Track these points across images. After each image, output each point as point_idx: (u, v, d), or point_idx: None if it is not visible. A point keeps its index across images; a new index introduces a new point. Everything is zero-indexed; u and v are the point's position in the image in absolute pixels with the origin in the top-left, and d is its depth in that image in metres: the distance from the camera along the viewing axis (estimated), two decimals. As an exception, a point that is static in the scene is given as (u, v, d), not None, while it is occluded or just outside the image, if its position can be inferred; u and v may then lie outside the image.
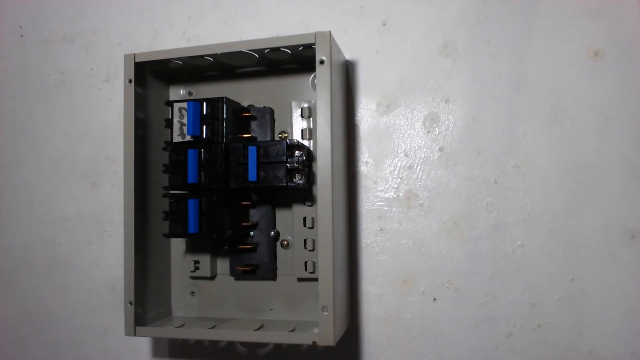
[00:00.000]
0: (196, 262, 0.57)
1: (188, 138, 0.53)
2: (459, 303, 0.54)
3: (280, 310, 0.55)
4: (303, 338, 0.47)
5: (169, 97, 0.60)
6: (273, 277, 0.56)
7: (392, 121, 0.57)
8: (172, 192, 0.54)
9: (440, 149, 0.56)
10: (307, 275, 0.54)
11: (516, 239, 0.53)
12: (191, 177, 0.51)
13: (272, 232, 0.55)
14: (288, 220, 0.56)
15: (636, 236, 0.51)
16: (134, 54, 0.53)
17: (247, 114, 0.55)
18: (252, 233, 0.56)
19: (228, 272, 0.56)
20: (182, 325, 0.53)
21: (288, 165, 0.50)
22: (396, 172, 0.56)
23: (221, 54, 0.51)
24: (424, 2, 0.57)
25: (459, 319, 0.54)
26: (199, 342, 0.61)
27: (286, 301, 0.55)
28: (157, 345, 0.63)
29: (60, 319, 0.66)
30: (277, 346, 0.58)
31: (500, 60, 0.54)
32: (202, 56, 0.52)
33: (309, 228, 0.54)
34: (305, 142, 0.55)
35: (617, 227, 0.51)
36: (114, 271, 0.64)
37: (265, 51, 0.51)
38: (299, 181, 0.51)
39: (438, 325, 0.54)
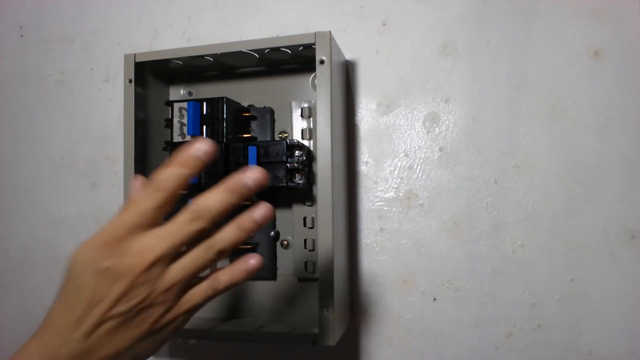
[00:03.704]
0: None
1: (188, 138, 0.53)
2: (459, 303, 0.54)
3: (280, 310, 0.55)
4: (303, 338, 0.47)
5: (169, 97, 0.60)
6: (273, 277, 0.56)
7: (392, 121, 0.57)
8: (172, 192, 0.54)
9: (440, 149, 0.56)
10: (307, 275, 0.54)
11: (516, 239, 0.53)
12: (191, 177, 0.51)
13: (272, 232, 0.55)
14: (288, 220, 0.56)
15: (636, 236, 0.51)
16: (134, 54, 0.53)
17: (247, 114, 0.55)
18: (252, 233, 0.56)
19: (228, 272, 0.56)
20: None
21: (288, 165, 0.50)
22: (396, 172, 0.56)
23: (221, 54, 0.51)
24: (424, 2, 0.57)
25: (459, 319, 0.54)
26: (199, 342, 0.61)
27: (286, 301, 0.55)
28: (157, 345, 0.63)
29: (60, 319, 0.66)
30: (277, 346, 0.58)
31: (500, 60, 0.54)
32: (202, 56, 0.52)
33: (309, 228, 0.54)
34: (305, 142, 0.55)
35: (617, 227, 0.51)
36: (114, 271, 0.64)
37: (265, 51, 0.51)
38: (299, 181, 0.51)
39: (438, 325, 0.54)
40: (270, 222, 0.55)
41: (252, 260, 0.35)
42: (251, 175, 0.32)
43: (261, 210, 0.34)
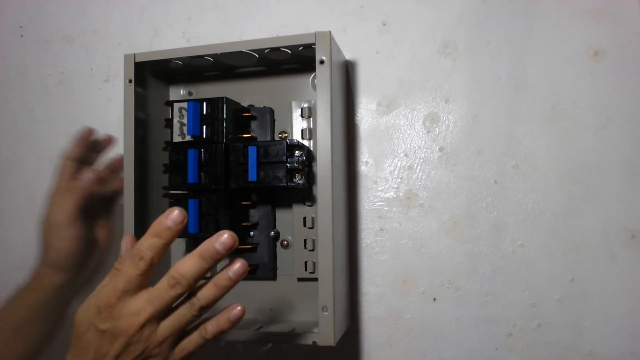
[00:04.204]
0: (196, 262, 0.57)
1: (188, 138, 0.53)
2: (459, 303, 0.54)
3: (280, 310, 0.55)
4: (303, 338, 0.47)
5: (169, 97, 0.60)
6: (273, 277, 0.56)
7: (392, 121, 0.57)
8: (172, 192, 0.54)
9: (440, 149, 0.56)
10: (307, 275, 0.54)
11: (516, 239, 0.53)
12: (191, 177, 0.51)
13: (272, 232, 0.55)
14: (288, 220, 0.56)
15: (636, 236, 0.51)
16: (134, 54, 0.53)
17: (247, 114, 0.55)
18: (252, 233, 0.56)
19: (228, 272, 0.56)
20: (182, 325, 0.53)
21: (288, 165, 0.50)
22: (396, 172, 0.56)
23: (221, 54, 0.51)
24: (424, 2, 0.57)
25: (459, 319, 0.54)
26: (199, 342, 0.61)
27: (286, 301, 0.55)
28: (157, 345, 0.63)
29: (60, 319, 0.66)
30: (277, 346, 0.58)
31: (500, 60, 0.54)
32: (202, 56, 0.52)
33: (309, 228, 0.54)
34: (305, 142, 0.55)
35: (617, 227, 0.51)
36: (114, 271, 0.64)
37: (265, 51, 0.51)
38: (299, 181, 0.51)
39: (438, 325, 0.54)
40: (270, 222, 0.56)
41: (236, 311, 0.39)
42: (220, 242, 0.37)
43: (236, 268, 0.38)
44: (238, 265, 0.38)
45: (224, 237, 0.37)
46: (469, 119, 0.55)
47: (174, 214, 0.37)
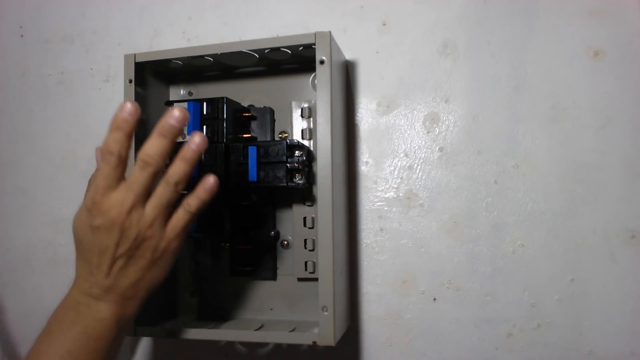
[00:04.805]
0: (196, 262, 0.57)
1: (188, 138, 0.53)
2: (459, 303, 0.54)
3: (280, 310, 0.55)
4: (303, 338, 0.47)
5: (169, 97, 0.60)
6: (273, 277, 0.56)
7: (392, 121, 0.57)
8: (172, 192, 0.54)
9: (440, 149, 0.56)
10: (307, 275, 0.54)
11: (516, 239, 0.53)
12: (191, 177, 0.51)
13: (272, 232, 0.55)
14: (288, 220, 0.56)
15: (636, 236, 0.51)
16: (134, 54, 0.53)
17: (247, 114, 0.55)
18: (252, 233, 0.56)
19: (228, 272, 0.56)
20: (182, 325, 0.53)
21: (288, 165, 0.50)
22: (396, 172, 0.56)
23: (221, 54, 0.51)
24: (424, 2, 0.57)
25: (459, 319, 0.54)
26: (200, 342, 0.61)
27: (286, 301, 0.55)
28: (157, 345, 0.63)
29: (60, 319, 0.66)
30: (277, 346, 0.58)
31: (500, 60, 0.54)
32: (202, 56, 0.52)
33: (309, 228, 0.54)
34: (305, 142, 0.55)
35: (617, 227, 0.51)
36: (114, 271, 0.64)
37: (266, 51, 0.51)
38: (299, 181, 0.51)
39: (438, 325, 0.54)
40: (270, 222, 0.56)
41: (209, 180, 0.43)
42: (173, 117, 0.40)
43: (196, 140, 0.42)
44: (197, 137, 0.42)
45: (175, 112, 0.40)
46: (469, 119, 0.55)
47: (127, 107, 0.40)
